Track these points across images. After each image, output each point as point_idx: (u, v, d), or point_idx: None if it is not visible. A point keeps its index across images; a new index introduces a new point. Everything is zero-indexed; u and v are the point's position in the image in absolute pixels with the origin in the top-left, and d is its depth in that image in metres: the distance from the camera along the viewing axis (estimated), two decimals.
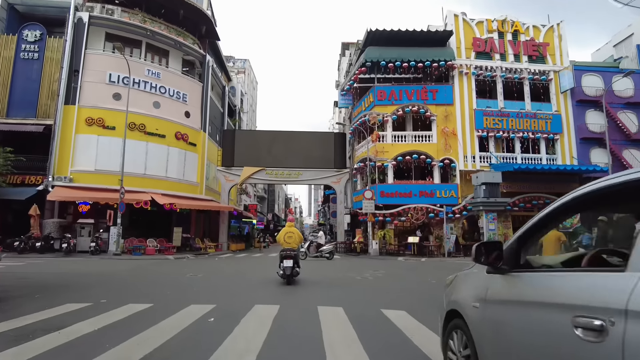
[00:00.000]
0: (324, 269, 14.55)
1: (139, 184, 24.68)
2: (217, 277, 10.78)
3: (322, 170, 29.40)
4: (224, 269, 13.49)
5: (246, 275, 11.50)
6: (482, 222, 23.50)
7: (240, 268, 14.14)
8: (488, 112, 26.07)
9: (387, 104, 26.01)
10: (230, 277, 10.94)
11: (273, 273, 10.27)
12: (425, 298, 7.42)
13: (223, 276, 11.20)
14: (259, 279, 10.36)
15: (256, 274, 11.69)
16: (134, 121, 24.93)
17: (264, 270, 12.86)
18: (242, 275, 11.43)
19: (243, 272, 12.41)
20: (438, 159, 25.32)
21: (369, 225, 24.86)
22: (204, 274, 11.15)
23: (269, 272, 11.36)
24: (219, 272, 12.35)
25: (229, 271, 12.72)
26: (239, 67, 46.97)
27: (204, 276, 10.68)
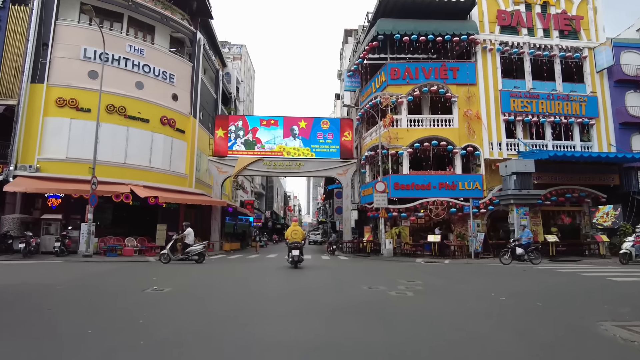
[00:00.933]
0: (339, 275, 11.46)
1: (118, 174, 21.58)
2: (187, 296, 7.18)
3: (326, 161, 26.26)
4: (205, 278, 10.30)
5: (234, 289, 8.32)
6: (512, 217, 20.43)
7: (228, 276, 10.91)
8: (515, 93, 22.97)
9: (401, 84, 22.88)
10: (209, 295, 7.50)
11: (275, 286, 7.25)
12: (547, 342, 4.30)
13: (198, 293, 7.66)
14: (253, 296, 7.24)
15: (249, 286, 8.58)
16: (112, 103, 21.82)
17: (259, 280, 9.75)
18: (227, 290, 8.11)
19: (229, 284, 9.05)
20: (460, 146, 22.21)
21: (381, 222, 21.76)
22: (174, 287, 7.98)
23: (268, 285, 8.30)
24: (196, 283, 9.08)
25: (210, 281, 9.43)
26: (234, 54, 43.78)
27: (171, 291, 7.52)
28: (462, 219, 22.13)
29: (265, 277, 10.36)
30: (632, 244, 15.85)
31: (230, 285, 8.61)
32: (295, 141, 26.39)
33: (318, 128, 26.52)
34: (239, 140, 26.29)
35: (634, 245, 15.80)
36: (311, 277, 10.67)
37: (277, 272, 11.75)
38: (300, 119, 26.73)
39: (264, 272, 11.72)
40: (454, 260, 18.87)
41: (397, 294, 7.39)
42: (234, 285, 8.61)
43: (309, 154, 26.25)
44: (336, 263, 17.36)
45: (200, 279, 9.94)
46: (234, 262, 16.99)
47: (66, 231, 18.59)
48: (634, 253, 15.63)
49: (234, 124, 26.55)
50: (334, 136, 26.47)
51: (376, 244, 23.07)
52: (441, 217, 21.53)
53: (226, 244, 27.00)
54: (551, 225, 22.64)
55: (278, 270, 12.46)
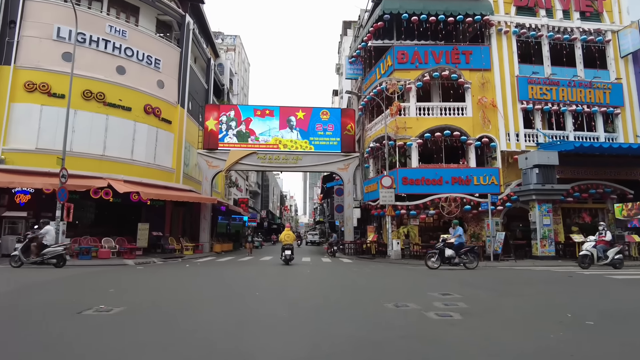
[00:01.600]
0: (349, 285, 9.36)
1: (96, 167, 19.39)
2: (137, 323, 4.88)
3: (325, 155, 24.14)
4: (176, 289, 8.08)
5: (214, 311, 5.75)
6: (533, 215, 18.41)
7: (209, 287, 8.64)
8: (533, 79, 20.97)
9: (409, 68, 20.81)
10: (173, 321, 5.03)
11: (268, 305, 5.18)
12: None
13: (156, 317, 5.25)
14: (239, 326, 4.97)
15: (233, 305, 6.39)
16: (89, 89, 19.63)
17: (247, 293, 7.61)
18: (203, 313, 5.54)
19: (208, 301, 6.63)
20: (474, 137, 20.17)
21: (387, 220, 19.65)
22: (129, 306, 5.77)
23: (258, 302, 6.20)
24: (160, 299, 6.73)
25: (182, 296, 7.07)
26: (228, 44, 41.58)
27: (120, 313, 5.29)
28: (477, 217, 20.12)
29: (256, 288, 8.22)
30: (594, 244, 13.78)
31: (208, 304, 6.42)
32: (292, 133, 24.25)
33: (317, 119, 24.40)
34: (231, 131, 24.11)
35: (596, 245, 13.75)
36: (315, 287, 8.56)
37: (272, 281, 9.62)
38: (298, 109, 24.60)
39: (254, 282, 9.59)
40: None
41: (437, 316, 5.28)
42: (213, 304, 6.43)
43: (308, 147, 24.12)
44: (340, 267, 15.25)
45: (169, 291, 7.72)
46: (222, 267, 14.83)
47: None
48: (596, 255, 13.57)
49: (225, 114, 24.37)
50: (334, 128, 24.35)
51: (381, 244, 20.97)
52: (454, 215, 19.46)
53: (217, 245, 24.82)
54: (571, 225, 20.67)
55: (272, 278, 10.35)
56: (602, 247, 13.73)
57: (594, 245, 13.77)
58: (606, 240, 13.86)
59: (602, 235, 13.97)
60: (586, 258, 13.67)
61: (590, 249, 13.69)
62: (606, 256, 13.49)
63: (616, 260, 13.56)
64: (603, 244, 13.75)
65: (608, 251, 13.59)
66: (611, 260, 13.46)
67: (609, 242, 13.97)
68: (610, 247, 13.81)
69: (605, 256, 13.49)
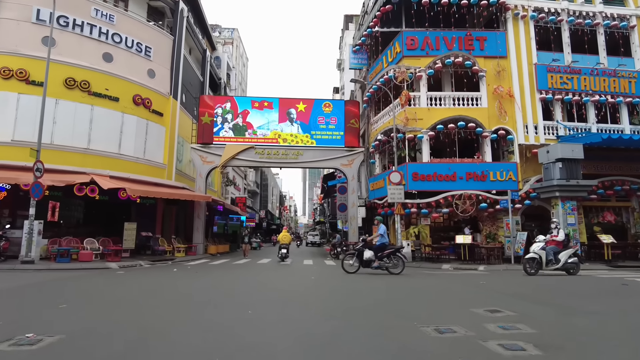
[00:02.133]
0: (366, 297, 7.84)
1: (79, 162, 17.81)
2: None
3: (328, 150, 22.56)
4: (148, 305, 6.45)
5: (190, 339, 4.03)
6: (556, 213, 16.84)
7: (189, 301, 6.78)
8: (553, 67, 19.42)
9: (420, 55, 19.25)
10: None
11: (266, 334, 3.65)
12: None
13: (99, 354, 3.65)
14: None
15: (217, 331, 4.74)
16: (72, 76, 18.05)
17: (238, 313, 5.99)
18: (160, 343, 4.01)
19: (182, 325, 4.75)
20: (490, 129, 18.62)
21: (396, 220, 18.06)
22: (69, 335, 4.11)
23: (252, 326, 4.66)
24: (122, 319, 4.69)
25: (150, 317, 5.24)
26: (225, 38, 40.00)
27: (53, 346, 3.71)
28: (493, 216, 18.55)
29: (250, 302, 6.61)
30: (543, 246, 11.96)
31: (182, 329, 4.78)
32: (292, 126, 22.67)
33: (319, 111, 22.81)
34: (227, 124, 22.51)
35: (546, 247, 11.95)
36: (325, 301, 6.96)
37: (270, 292, 7.99)
38: (299, 101, 23.01)
39: (248, 292, 7.98)
40: (489, 266, 15.23)
41: (505, 349, 3.65)
42: (189, 328, 4.80)
43: (309, 142, 22.53)
44: (353, 273, 13.67)
45: (135, 308, 6.06)
46: (213, 272, 13.21)
47: (2, 230, 14.75)
48: (545, 258, 11.76)
49: (221, 106, 22.77)
50: (337, 121, 22.77)
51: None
52: (469, 213, 17.90)
53: (212, 246, 23.21)
54: (592, 224, 19.12)
55: (271, 287, 8.73)
56: (552, 248, 11.90)
57: (543, 247, 11.92)
58: (558, 241, 12.13)
59: (554, 235, 12.25)
60: (533, 262, 11.88)
61: (539, 251, 11.83)
62: (557, 259, 11.73)
63: (569, 265, 11.82)
64: (554, 245, 11.99)
65: (560, 254, 11.82)
66: (563, 265, 11.75)
67: (562, 243, 12.22)
68: (564, 248, 12.04)
69: (556, 259, 11.74)
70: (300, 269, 14.58)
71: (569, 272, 11.86)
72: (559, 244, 12.11)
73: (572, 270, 11.87)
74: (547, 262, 11.76)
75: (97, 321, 4.97)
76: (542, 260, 11.76)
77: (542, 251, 11.83)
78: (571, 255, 11.87)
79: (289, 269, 14.38)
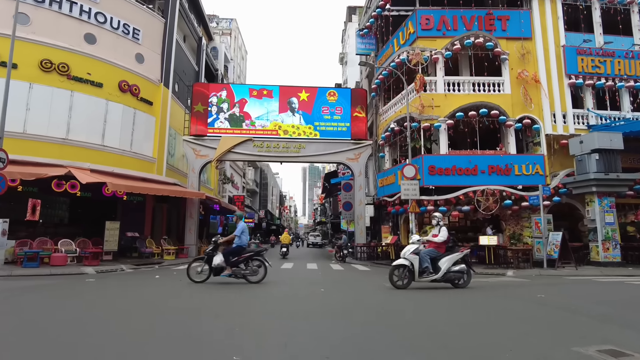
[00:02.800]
0: (404, 318, 5.96)
1: (56, 153, 15.93)
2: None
3: (333, 142, 20.65)
4: (94, 333, 4.57)
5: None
6: (592, 211, 14.95)
7: (150, 329, 4.95)
8: (583, 49, 17.54)
9: (435, 36, 17.39)
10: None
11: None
12: None
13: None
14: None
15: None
16: (49, 58, 16.16)
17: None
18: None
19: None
20: (514, 118, 16.75)
21: (411, 219, 16.15)
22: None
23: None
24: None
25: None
26: (223, 28, 38.14)
27: None
28: (517, 214, 16.66)
29: (238, 334, 4.68)
30: (417, 249, 8.73)
31: None
32: (294, 117, 20.76)
33: (323, 100, 20.90)
34: (223, 115, 20.59)
35: (421, 250, 8.74)
36: (347, 331, 5.02)
37: (266, 315, 5.92)
38: (301, 89, 21.09)
39: (237, 314, 5.98)
40: (519, 271, 13.32)
41: None
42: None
43: (312, 133, 20.62)
44: (362, 279, 11.79)
45: (63, 347, 4.19)
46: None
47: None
48: (417, 266, 8.61)
49: (216, 95, 20.85)
50: (343, 111, 20.86)
51: (402, 248, 17.40)
52: (492, 211, 16.00)
53: (205, 247, 21.22)
54: (625, 224, 17.21)
55: (268, 306, 6.64)
56: (429, 252, 8.71)
57: (417, 250, 8.68)
58: (438, 242, 8.88)
59: (435, 234, 9.05)
60: (403, 271, 8.68)
61: (410, 257, 8.62)
62: (437, 267, 8.65)
63: (454, 274, 8.74)
64: (433, 248, 8.81)
65: (441, 260, 8.71)
66: (445, 275, 8.63)
67: (444, 245, 8.97)
68: (447, 252, 8.86)
69: (435, 267, 8.66)
70: (304, 275, 12.68)
71: (454, 283, 8.86)
72: (439, 246, 8.86)
73: (459, 282, 8.85)
74: (422, 271, 8.62)
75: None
76: (415, 269, 8.59)
77: (414, 256, 8.61)
78: (458, 262, 8.79)
79: (290, 275, 12.50)
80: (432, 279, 8.64)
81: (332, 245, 39.92)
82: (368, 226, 21.28)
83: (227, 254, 9.42)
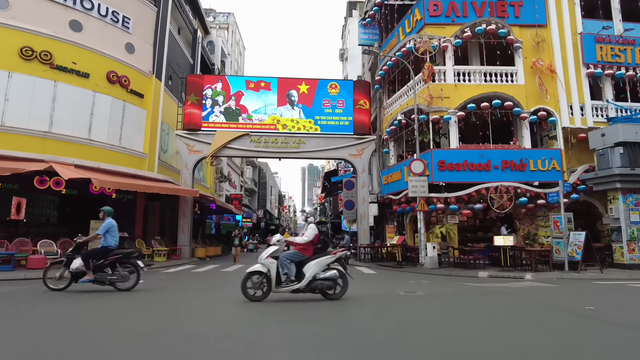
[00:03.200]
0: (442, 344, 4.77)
1: (38, 147, 14.85)
2: None
3: (334, 137, 19.58)
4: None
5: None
6: (615, 209, 13.87)
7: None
8: (602, 37, 16.48)
9: (444, 23, 16.32)
10: None
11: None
12: None
13: None
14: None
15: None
16: (30, 45, 15.06)
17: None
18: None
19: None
20: (528, 110, 15.67)
21: (420, 218, 15.04)
22: None
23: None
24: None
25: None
26: (220, 22, 37.05)
27: None
28: (531, 212, 15.58)
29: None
30: (275, 252, 7.02)
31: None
32: (293, 110, 19.67)
33: (324, 93, 19.82)
34: (218, 108, 19.49)
35: (280, 254, 7.05)
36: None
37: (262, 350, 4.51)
38: (300, 81, 20.01)
39: (223, 336, 4.88)
40: (538, 274, 12.22)
41: None
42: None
43: (312, 128, 19.54)
44: (371, 284, 10.69)
45: None
46: (188, 285, 10.25)
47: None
48: (274, 272, 6.89)
49: (211, 87, 19.75)
50: (345, 104, 19.78)
51: (409, 249, 16.36)
52: (505, 210, 14.91)
53: (200, 249, 20.18)
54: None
55: (264, 326, 5.12)
56: (291, 255, 7.00)
57: (275, 253, 7.00)
58: (302, 243, 7.08)
59: (304, 233, 7.23)
60: (260, 278, 6.92)
61: (267, 261, 6.89)
62: (300, 274, 6.90)
63: (322, 283, 6.91)
64: (297, 250, 7.10)
65: (307, 265, 6.96)
66: (310, 282, 6.85)
67: (312, 247, 7.17)
68: (315, 255, 7.08)
69: (299, 274, 6.92)
70: None
71: (325, 293, 7.07)
72: (306, 248, 7.07)
73: (332, 292, 7.05)
74: (281, 280, 6.90)
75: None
76: (271, 276, 6.85)
77: (271, 261, 6.88)
78: (328, 267, 7.02)
79: None
80: (293, 288, 6.83)
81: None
82: (372, 226, 20.18)
83: (87, 256, 7.94)
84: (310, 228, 7.21)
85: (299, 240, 7.18)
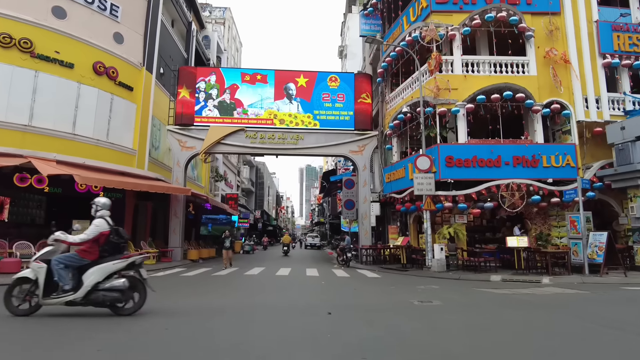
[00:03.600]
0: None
1: (17, 142, 13.86)
2: None
3: (335, 133, 18.61)
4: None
5: None
6: (637, 208, 12.91)
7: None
8: (619, 25, 15.56)
9: (452, 10, 15.36)
10: None
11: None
12: None
13: None
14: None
15: None
16: (8, 32, 14.07)
17: None
18: None
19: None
20: (541, 103, 14.72)
21: (426, 217, 14.05)
22: None
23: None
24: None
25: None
26: (216, 17, 36.08)
27: None
28: (544, 211, 14.62)
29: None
30: (47, 253, 5.70)
31: None
32: (291, 104, 18.69)
33: (324, 86, 18.85)
34: (211, 102, 18.50)
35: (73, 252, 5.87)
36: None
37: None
38: (299, 74, 19.03)
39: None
40: (555, 277, 11.26)
41: None
42: None
43: (311, 123, 18.57)
44: (374, 290, 9.69)
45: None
46: (172, 291, 9.25)
47: None
48: (43, 282, 5.51)
49: (204, 80, 18.76)
50: (345, 98, 18.81)
51: (414, 250, 15.38)
52: (517, 209, 13.93)
53: (193, 250, 19.16)
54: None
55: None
56: (68, 259, 5.61)
57: (47, 256, 5.67)
58: (80, 243, 5.66)
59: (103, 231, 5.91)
60: (30, 287, 5.56)
61: (35, 265, 5.59)
62: (81, 283, 5.57)
63: (105, 295, 5.56)
64: (77, 252, 5.73)
65: (88, 271, 5.59)
66: (90, 293, 5.54)
67: (97, 248, 5.75)
68: (102, 259, 5.71)
69: (80, 282, 5.60)
70: (304, 286, 10.58)
71: (113, 307, 5.69)
72: (87, 250, 5.71)
73: (121, 304, 5.69)
74: (51, 289, 5.53)
75: None
76: (39, 283, 5.49)
77: (40, 265, 5.50)
78: (119, 275, 5.73)
79: (286, 284, 10.42)
80: (66, 299, 5.46)
81: (331, 246, 37.84)
82: (374, 226, 19.21)
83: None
84: (95, 224, 5.70)
85: (72, 239, 5.59)
